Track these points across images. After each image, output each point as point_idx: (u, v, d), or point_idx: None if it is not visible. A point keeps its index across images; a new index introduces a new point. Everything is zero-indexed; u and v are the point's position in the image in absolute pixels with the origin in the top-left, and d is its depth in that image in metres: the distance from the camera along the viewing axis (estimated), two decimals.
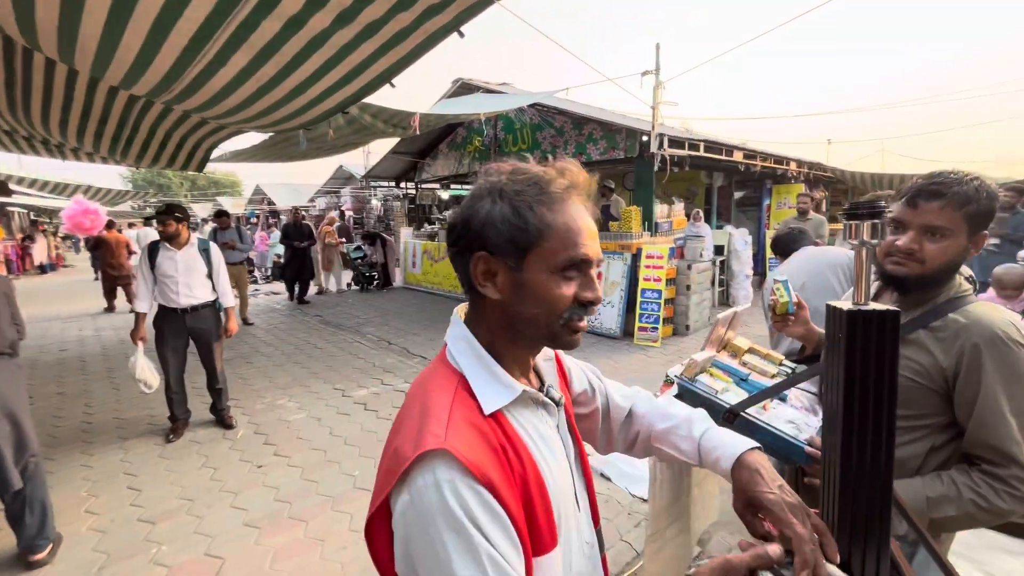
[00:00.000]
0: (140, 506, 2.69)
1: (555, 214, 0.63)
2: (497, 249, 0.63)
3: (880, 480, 0.67)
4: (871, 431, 0.65)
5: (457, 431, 0.57)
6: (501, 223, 0.62)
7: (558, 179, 0.65)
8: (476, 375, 0.65)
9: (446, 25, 2.41)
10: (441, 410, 0.60)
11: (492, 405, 0.62)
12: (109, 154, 5.54)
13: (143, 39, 2.34)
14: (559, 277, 0.63)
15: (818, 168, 9.97)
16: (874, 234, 0.63)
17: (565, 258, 0.63)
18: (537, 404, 0.70)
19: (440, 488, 0.54)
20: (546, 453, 0.66)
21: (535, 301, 0.63)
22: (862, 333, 0.62)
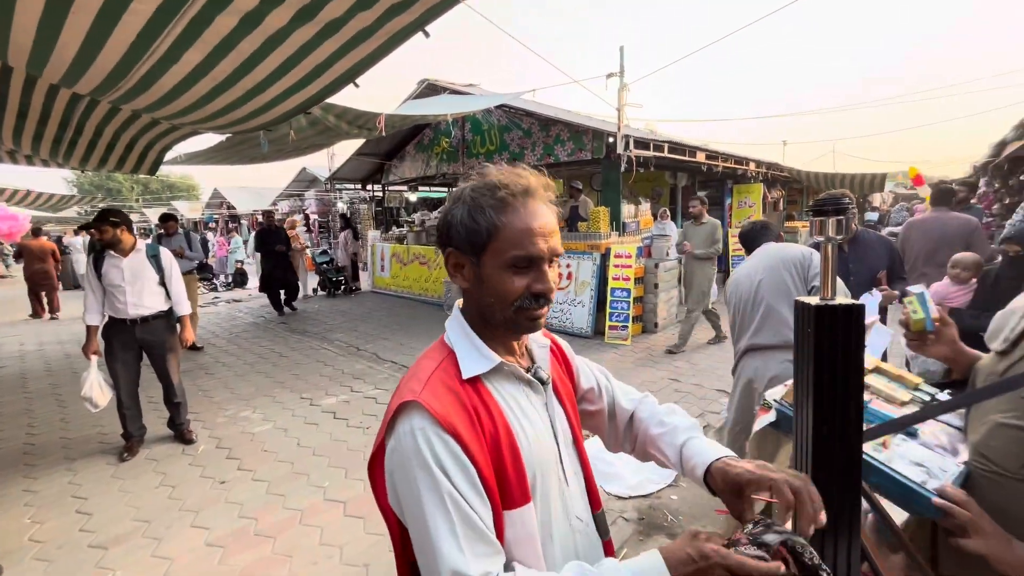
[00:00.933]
0: (90, 531, 2.53)
1: (506, 216, 0.71)
2: (460, 246, 0.74)
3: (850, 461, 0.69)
4: (840, 421, 0.67)
5: (432, 389, 0.69)
6: (460, 225, 0.73)
7: (511, 184, 0.72)
8: (461, 348, 0.76)
9: (410, 24, 2.37)
10: (424, 373, 0.73)
11: (470, 372, 0.73)
12: (50, 157, 5.21)
13: (84, 33, 2.20)
14: (510, 271, 0.71)
15: (775, 168, 10.36)
16: (839, 230, 0.65)
17: (513, 255, 0.71)
18: (520, 380, 0.78)
19: (414, 434, 0.66)
20: (523, 421, 0.74)
21: (491, 292, 0.73)
22: (829, 326, 0.64)
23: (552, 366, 0.87)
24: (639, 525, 2.51)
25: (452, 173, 9.23)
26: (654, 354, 5.38)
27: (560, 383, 0.87)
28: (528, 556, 0.69)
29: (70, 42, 2.29)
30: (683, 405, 3.93)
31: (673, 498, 2.73)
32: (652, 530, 2.48)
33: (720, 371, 4.72)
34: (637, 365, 5.01)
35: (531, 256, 0.71)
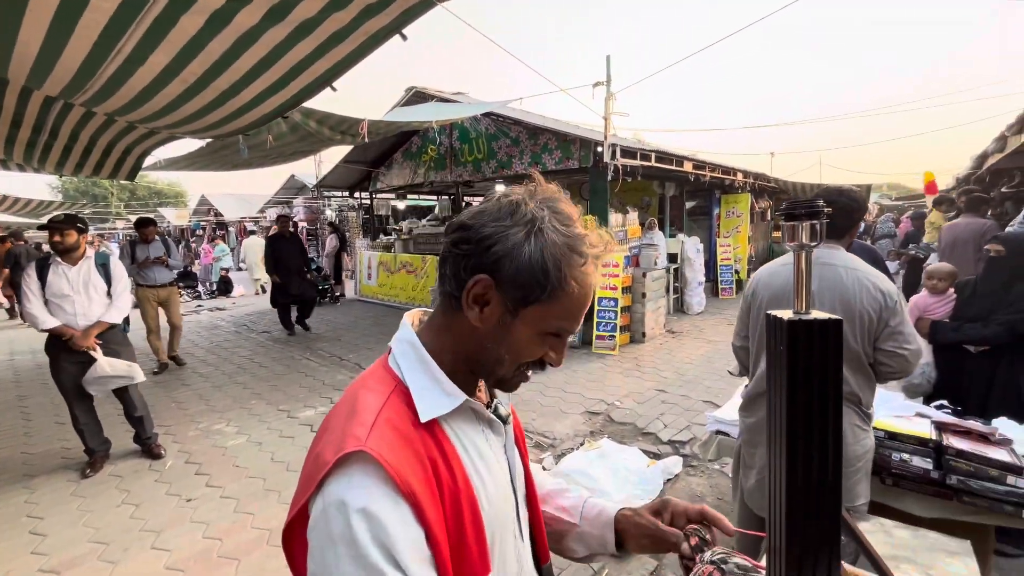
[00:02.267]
0: (43, 553, 2.38)
1: (573, 282, 0.60)
2: (505, 284, 0.59)
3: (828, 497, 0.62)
4: (817, 446, 0.60)
5: (380, 434, 0.54)
6: (523, 266, 0.58)
7: (592, 246, 0.62)
8: (416, 380, 0.62)
9: (387, 27, 2.32)
10: (368, 413, 0.57)
11: (429, 413, 0.59)
12: (25, 161, 5.07)
13: (44, 32, 2.11)
14: (541, 338, 0.62)
15: (763, 179, 10.44)
16: (813, 236, 0.58)
17: (557, 326, 0.62)
18: (480, 420, 0.66)
19: (349, 510, 0.50)
20: (483, 472, 0.62)
21: (508, 348, 0.61)
22: (804, 343, 0.57)
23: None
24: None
25: (440, 181, 9.18)
26: (641, 364, 5.32)
27: (515, 416, 0.77)
28: None
29: (31, 40, 2.21)
30: (669, 417, 3.88)
31: None
32: None
33: (707, 382, 4.67)
34: (624, 375, 4.94)
35: (570, 332, 0.63)
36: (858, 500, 1.66)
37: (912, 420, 1.93)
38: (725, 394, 4.20)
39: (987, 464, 1.64)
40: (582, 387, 4.60)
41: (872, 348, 1.63)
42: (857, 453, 1.64)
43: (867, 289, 1.60)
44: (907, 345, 1.60)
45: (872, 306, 1.59)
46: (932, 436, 1.77)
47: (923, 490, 1.73)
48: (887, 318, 1.59)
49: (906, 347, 1.59)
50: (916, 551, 1.45)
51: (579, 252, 0.60)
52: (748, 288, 1.87)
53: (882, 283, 1.61)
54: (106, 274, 3.16)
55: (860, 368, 1.63)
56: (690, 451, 3.31)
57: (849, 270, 1.65)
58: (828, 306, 1.63)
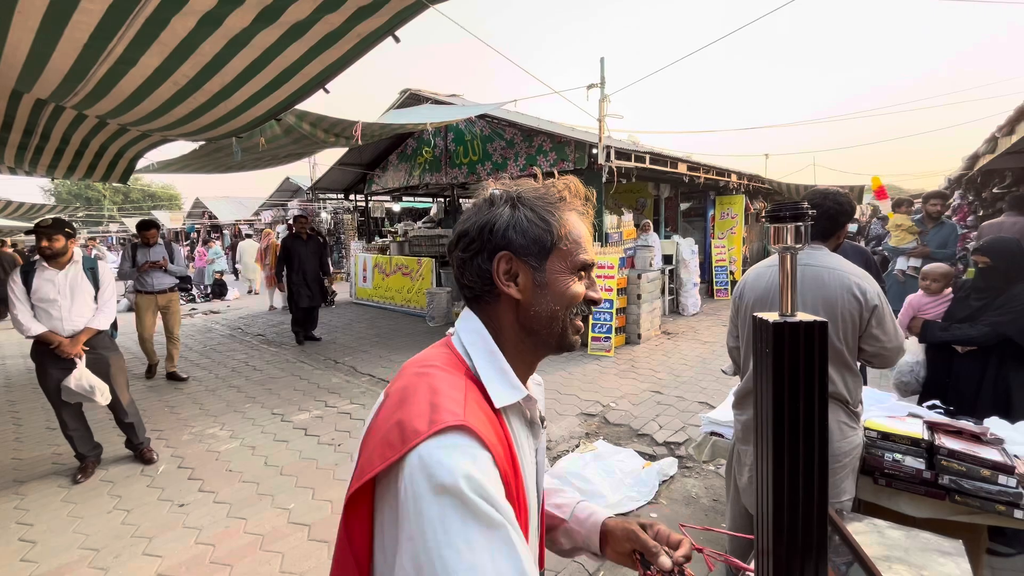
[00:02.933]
0: (32, 561, 2.35)
1: (572, 221, 0.69)
2: (521, 250, 0.66)
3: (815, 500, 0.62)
4: (803, 447, 0.60)
5: (473, 413, 0.57)
6: (518, 227, 0.66)
7: (573, 190, 0.72)
8: (487, 368, 0.65)
9: (379, 28, 2.31)
10: (457, 391, 0.59)
11: (502, 400, 0.63)
12: (16, 164, 5.03)
13: (33, 34, 2.10)
14: (575, 276, 0.69)
15: (757, 180, 10.49)
16: (798, 238, 0.58)
17: (579, 260, 0.69)
18: (526, 421, 0.70)
19: (465, 470, 0.51)
20: (524, 464, 0.66)
21: (555, 298, 0.67)
22: (790, 345, 0.57)
23: None
24: None
25: (435, 183, 9.17)
26: (637, 366, 5.33)
27: None
28: None
29: (20, 42, 2.19)
30: (664, 418, 3.88)
31: (653, 516, 2.65)
32: None
33: (703, 383, 4.68)
34: (619, 377, 4.94)
35: (590, 264, 0.70)
36: (843, 496, 1.68)
37: (905, 420, 1.94)
38: (720, 395, 4.21)
39: (979, 464, 1.65)
40: (577, 389, 4.59)
41: (856, 346, 1.66)
42: (844, 449, 1.65)
43: (848, 289, 1.62)
44: (887, 344, 1.64)
45: (853, 306, 1.61)
46: (924, 436, 1.77)
47: (916, 490, 1.74)
48: (867, 317, 1.61)
49: (882, 345, 1.64)
50: (909, 551, 1.46)
51: (555, 197, 0.69)
52: (736, 290, 1.90)
53: (863, 283, 1.63)
54: (94, 279, 3.13)
55: (846, 367, 1.65)
56: (685, 452, 3.31)
57: (831, 270, 1.66)
58: (811, 306, 1.65)
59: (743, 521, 1.97)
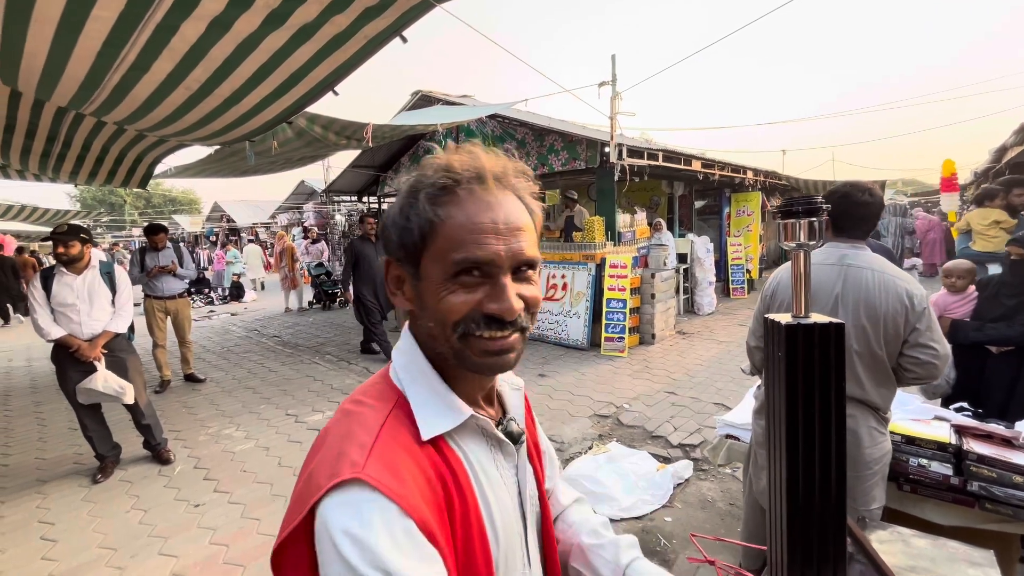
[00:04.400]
0: (53, 559, 2.40)
1: (445, 207, 0.53)
2: (395, 252, 0.57)
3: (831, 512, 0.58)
4: (819, 456, 0.56)
5: (382, 457, 0.49)
6: (392, 223, 0.57)
7: (456, 166, 0.54)
8: (417, 394, 0.56)
9: (386, 29, 2.31)
10: (367, 433, 0.52)
11: (432, 430, 0.54)
12: (40, 171, 5.17)
13: (49, 43, 2.14)
14: (451, 283, 0.53)
15: (773, 177, 10.29)
16: (812, 235, 0.55)
17: (455, 260, 0.52)
18: (489, 439, 0.60)
19: (347, 543, 0.45)
20: (490, 495, 0.57)
21: (430, 313, 0.55)
22: (804, 349, 0.53)
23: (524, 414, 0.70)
24: None
25: None
26: (651, 366, 5.25)
27: (528, 435, 0.70)
28: None
29: (37, 51, 2.23)
30: (679, 419, 3.81)
31: (667, 520, 2.60)
32: (644, 555, 2.34)
33: (718, 384, 4.59)
34: (633, 377, 4.88)
35: (479, 261, 0.52)
36: (873, 504, 1.61)
37: (930, 424, 1.86)
38: (736, 396, 4.13)
39: (1011, 470, 1.57)
40: (590, 390, 4.54)
41: (898, 353, 1.57)
42: (874, 456, 1.58)
43: (894, 293, 1.54)
44: (936, 351, 1.53)
45: (898, 310, 1.53)
46: (952, 440, 1.70)
47: (942, 497, 1.66)
48: (914, 323, 1.53)
49: (934, 353, 1.53)
50: (936, 561, 1.39)
51: (427, 185, 0.54)
52: (768, 287, 1.80)
53: (910, 287, 1.55)
54: (111, 282, 3.19)
55: (882, 374, 1.58)
56: (701, 455, 3.25)
57: (876, 272, 1.58)
58: (851, 309, 1.58)
59: (757, 525, 1.92)
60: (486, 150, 0.58)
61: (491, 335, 0.53)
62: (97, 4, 1.86)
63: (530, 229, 0.56)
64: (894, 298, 1.53)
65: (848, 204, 1.64)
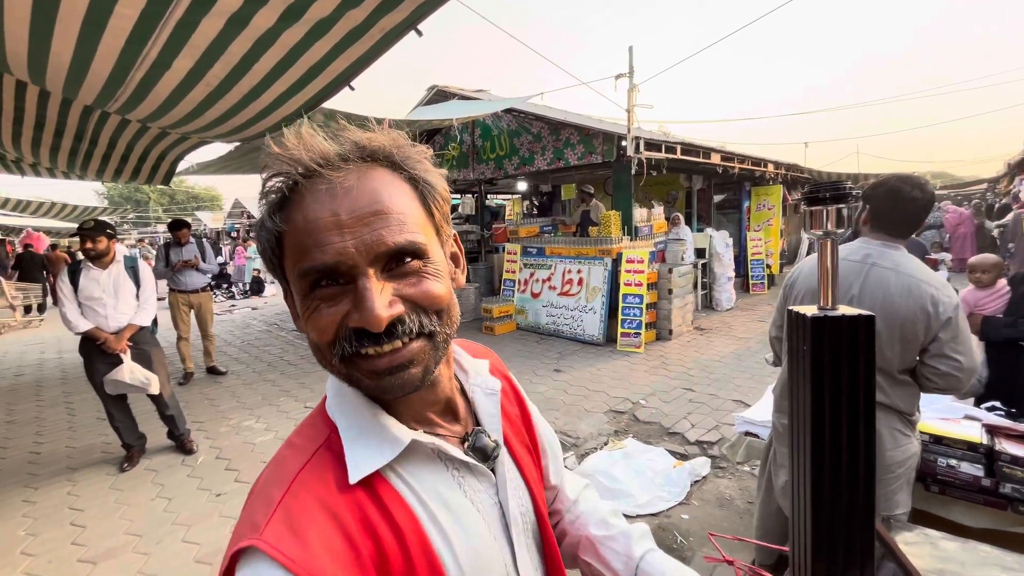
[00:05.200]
0: (82, 544, 2.48)
1: (287, 212, 0.45)
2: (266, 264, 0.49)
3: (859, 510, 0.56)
4: (847, 461, 0.54)
5: (286, 516, 0.42)
6: (256, 239, 0.49)
7: (284, 161, 0.45)
8: (348, 426, 0.48)
9: (402, 23, 2.30)
10: (278, 485, 0.45)
11: (361, 470, 0.46)
12: (69, 168, 5.32)
13: (74, 42, 2.19)
14: (312, 299, 0.45)
15: (795, 170, 10.06)
16: (840, 223, 0.52)
17: (300, 271, 0.44)
18: (446, 462, 0.52)
19: None
20: (449, 527, 0.48)
21: (310, 337, 0.47)
22: (830, 342, 0.51)
23: (505, 415, 0.61)
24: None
25: (463, 179, 9.19)
26: (668, 362, 5.19)
27: (515, 438, 0.62)
28: None
29: (63, 50, 2.29)
30: (696, 416, 3.76)
31: (684, 517, 2.57)
32: None
33: (737, 381, 4.51)
34: (650, 373, 4.83)
35: (323, 267, 0.43)
36: (897, 509, 1.55)
37: (960, 423, 1.80)
38: (755, 393, 4.05)
39: None
40: (606, 385, 4.51)
41: (916, 361, 1.48)
42: (896, 459, 1.52)
43: (917, 298, 1.43)
44: (959, 363, 1.42)
45: (918, 316, 1.42)
46: (983, 440, 1.64)
47: (973, 499, 1.61)
48: (936, 331, 1.42)
49: (957, 365, 1.42)
50: (966, 565, 1.34)
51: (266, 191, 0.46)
52: (788, 279, 1.74)
53: (939, 293, 1.43)
54: (135, 277, 3.27)
55: (897, 381, 1.51)
56: (719, 452, 3.20)
57: (902, 274, 1.47)
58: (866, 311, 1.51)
59: (773, 522, 1.88)
60: (348, 129, 0.49)
61: (375, 351, 0.45)
62: (120, 2, 1.89)
63: (405, 209, 0.46)
64: (916, 304, 1.43)
65: (895, 200, 1.50)
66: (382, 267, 0.45)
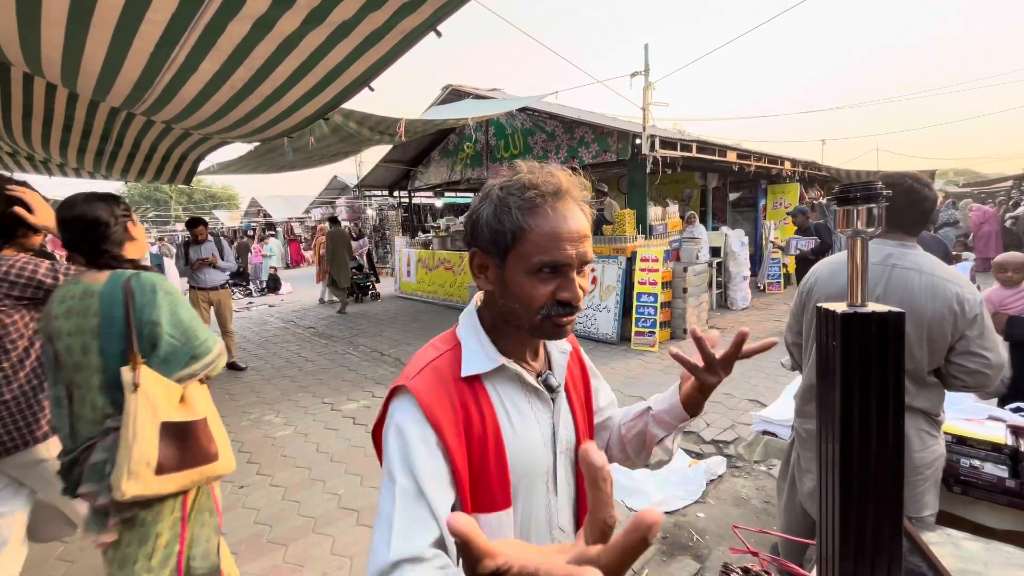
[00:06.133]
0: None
1: (534, 218, 0.67)
2: (485, 247, 0.72)
3: (888, 509, 0.57)
4: (875, 457, 0.55)
5: (424, 377, 0.70)
6: (485, 224, 0.70)
7: (541, 184, 0.68)
8: (468, 345, 0.75)
9: (422, 24, 2.33)
10: (423, 361, 0.73)
11: (469, 370, 0.72)
12: (94, 168, 5.46)
13: (106, 47, 2.26)
14: (534, 277, 0.68)
15: (813, 167, 9.92)
16: (870, 222, 0.53)
17: (539, 261, 0.67)
18: (525, 386, 0.76)
19: (396, 421, 0.68)
20: (518, 425, 0.73)
21: (514, 297, 0.70)
22: (860, 339, 0.52)
23: (569, 372, 0.85)
24: (662, 544, 2.37)
25: (476, 178, 9.23)
26: None
27: (574, 390, 0.85)
28: None
29: (95, 54, 2.36)
30: (712, 416, 3.75)
31: (700, 515, 2.57)
32: (676, 550, 2.33)
33: (753, 380, 4.49)
34: (663, 372, 4.82)
35: (558, 263, 0.68)
36: (925, 511, 1.53)
37: (984, 424, 1.78)
38: (771, 392, 4.03)
39: None
40: (621, 384, 4.52)
41: (943, 361, 1.46)
42: (925, 460, 1.50)
43: (942, 297, 1.42)
44: (987, 360, 1.41)
45: (945, 316, 1.41)
46: (1008, 441, 1.62)
47: (996, 500, 1.60)
48: (963, 329, 1.42)
49: (985, 362, 1.42)
50: (989, 565, 1.34)
51: (519, 193, 0.68)
52: (804, 283, 1.73)
53: (963, 291, 1.42)
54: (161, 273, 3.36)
55: (925, 383, 1.49)
56: (734, 451, 3.19)
57: (924, 275, 1.46)
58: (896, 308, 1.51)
59: (800, 526, 1.88)
60: (561, 169, 0.72)
61: (562, 314, 0.70)
62: (151, 7, 1.95)
63: (589, 234, 0.71)
64: (942, 303, 1.42)
65: (913, 199, 1.52)
66: (578, 268, 0.70)
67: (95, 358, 1.41)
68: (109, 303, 1.42)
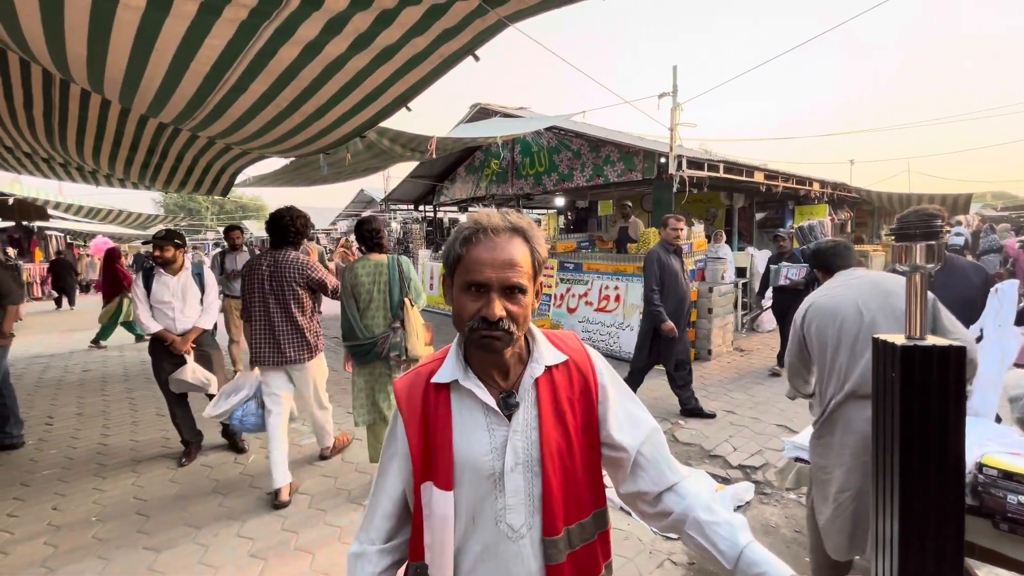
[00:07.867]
0: (146, 533, 2.65)
1: (467, 247, 0.82)
2: (448, 270, 0.86)
3: (949, 552, 0.57)
4: (935, 491, 0.56)
5: (407, 378, 0.91)
6: (446, 251, 0.86)
7: (479, 222, 0.83)
8: (448, 358, 0.90)
9: (461, 49, 2.42)
10: (419, 366, 0.93)
11: (438, 378, 0.87)
12: (139, 180, 5.73)
13: (165, 69, 2.40)
14: (464, 295, 0.81)
15: (842, 188, 9.75)
16: (930, 258, 0.55)
17: (466, 280, 0.81)
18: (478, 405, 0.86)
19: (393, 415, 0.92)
20: (467, 429, 0.84)
21: (455, 312, 0.84)
22: (920, 372, 0.53)
23: (551, 392, 0.88)
24: (688, 570, 2.32)
25: (501, 194, 9.35)
26: (707, 383, 5.09)
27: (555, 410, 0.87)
28: (439, 532, 0.82)
29: (155, 76, 2.51)
30: (739, 440, 3.67)
31: None
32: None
33: (781, 404, 4.39)
34: None
35: (478, 283, 0.79)
36: None
37: None
38: (801, 418, 3.93)
39: None
40: (644, 404, 4.46)
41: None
42: None
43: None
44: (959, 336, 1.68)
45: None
46: None
47: None
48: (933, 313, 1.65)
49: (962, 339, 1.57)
50: None
51: (463, 232, 0.83)
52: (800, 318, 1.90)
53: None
54: (200, 283, 3.50)
55: None
56: (763, 477, 3.12)
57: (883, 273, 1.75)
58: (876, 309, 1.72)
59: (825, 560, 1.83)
60: (512, 213, 0.86)
61: (484, 329, 0.79)
62: (211, 33, 2.07)
63: (526, 264, 0.82)
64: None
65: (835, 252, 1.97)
66: (502, 292, 0.80)
67: (384, 296, 3.03)
68: (393, 269, 3.05)
